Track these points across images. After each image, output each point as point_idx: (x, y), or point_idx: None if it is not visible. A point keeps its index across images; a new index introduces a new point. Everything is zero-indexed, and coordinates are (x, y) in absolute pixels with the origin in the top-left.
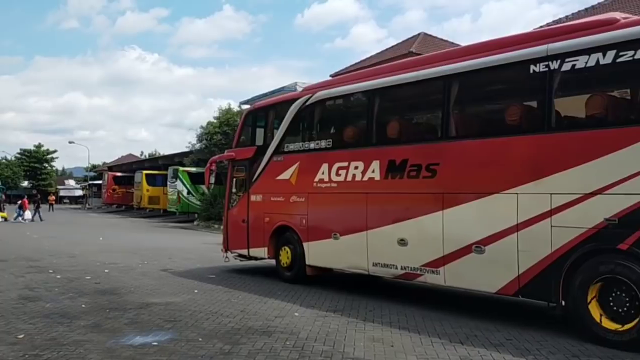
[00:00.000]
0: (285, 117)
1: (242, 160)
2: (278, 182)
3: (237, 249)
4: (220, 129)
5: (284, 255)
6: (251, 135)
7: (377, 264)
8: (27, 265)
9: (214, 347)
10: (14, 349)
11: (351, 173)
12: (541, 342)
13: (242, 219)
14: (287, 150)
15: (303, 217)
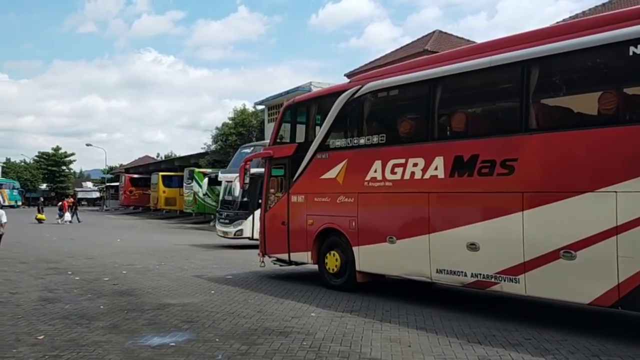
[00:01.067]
0: (330, 111)
1: (281, 159)
2: (323, 182)
3: (276, 253)
4: (236, 129)
5: (331, 261)
6: (291, 131)
7: (442, 270)
8: (46, 267)
9: (231, 348)
10: (35, 350)
11: (409, 171)
12: (561, 342)
13: (282, 221)
14: (332, 147)
15: (352, 219)
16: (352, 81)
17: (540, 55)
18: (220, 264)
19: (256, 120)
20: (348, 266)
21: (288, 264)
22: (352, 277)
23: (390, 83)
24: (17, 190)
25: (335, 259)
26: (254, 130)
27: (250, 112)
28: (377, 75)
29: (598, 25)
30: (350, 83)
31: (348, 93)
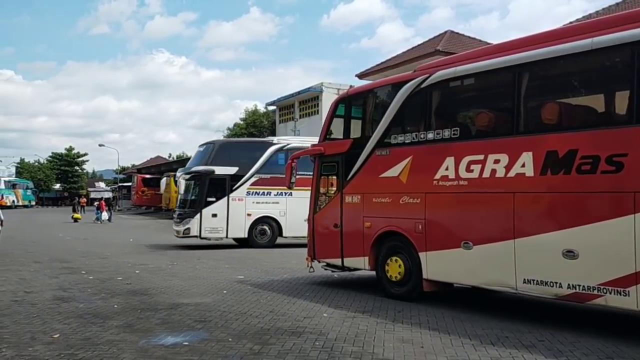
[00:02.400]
0: (391, 104)
1: (333, 156)
2: (383, 181)
3: (327, 258)
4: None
5: (393, 268)
6: (344, 126)
7: (531, 280)
8: (60, 267)
9: (244, 348)
10: (50, 348)
11: (489, 168)
12: (574, 344)
13: (334, 223)
14: (394, 142)
15: (419, 222)
16: (416, 70)
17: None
18: (232, 264)
19: (267, 120)
20: (413, 274)
21: (341, 270)
22: (418, 285)
23: (465, 71)
24: (31, 190)
25: (398, 265)
26: (265, 131)
27: (261, 112)
28: (446, 64)
29: None
30: (414, 72)
31: (413, 83)
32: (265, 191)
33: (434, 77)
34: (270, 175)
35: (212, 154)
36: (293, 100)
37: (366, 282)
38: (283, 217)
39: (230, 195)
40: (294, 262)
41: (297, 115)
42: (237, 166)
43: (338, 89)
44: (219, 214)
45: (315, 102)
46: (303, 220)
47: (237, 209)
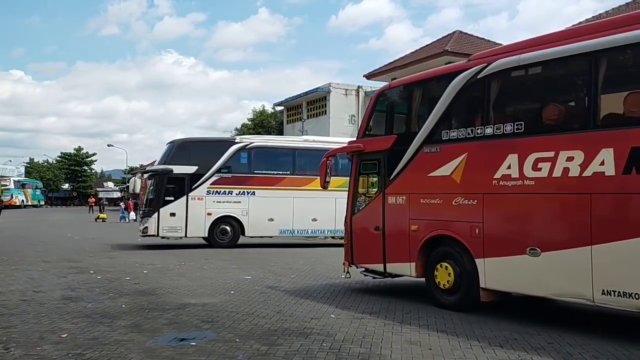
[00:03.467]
0: (442, 96)
1: (374, 153)
2: (432, 180)
3: (367, 263)
4: (255, 130)
5: (443, 274)
6: (386, 121)
7: (612, 292)
8: (68, 266)
9: (251, 348)
10: (58, 348)
11: (560, 166)
12: (584, 346)
13: (375, 225)
14: (445, 138)
15: (475, 226)
16: (470, 60)
17: None
18: (239, 264)
19: (275, 121)
20: (466, 281)
21: (382, 276)
22: (473, 294)
23: (531, 59)
24: (40, 190)
25: (448, 272)
26: (273, 131)
27: (269, 113)
28: (505, 52)
29: None
30: (469, 62)
31: (468, 74)
32: (227, 190)
33: (494, 67)
34: (231, 174)
35: (171, 153)
36: (301, 101)
37: (371, 283)
38: (245, 216)
39: (189, 194)
40: (301, 263)
41: (304, 115)
42: (197, 165)
43: (346, 89)
44: (177, 213)
45: (322, 103)
46: (267, 219)
47: (196, 208)
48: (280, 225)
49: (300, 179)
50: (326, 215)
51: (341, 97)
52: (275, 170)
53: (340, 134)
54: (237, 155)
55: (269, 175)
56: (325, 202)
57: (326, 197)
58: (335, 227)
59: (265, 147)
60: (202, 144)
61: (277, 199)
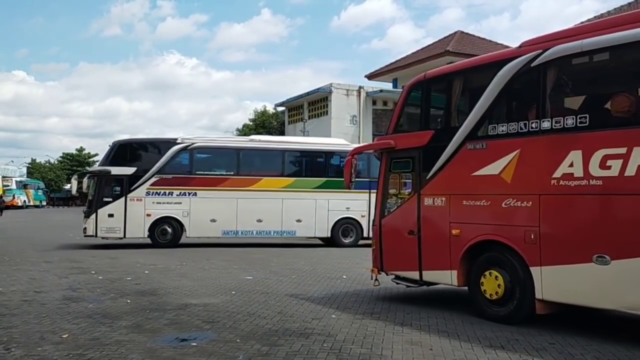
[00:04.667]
0: (489, 87)
1: (408, 150)
2: (477, 179)
3: (400, 270)
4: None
5: (491, 284)
6: (422, 115)
7: None
8: (70, 267)
9: (252, 349)
10: (59, 348)
11: (634, 164)
12: (586, 347)
13: (409, 229)
14: (493, 133)
15: (530, 230)
16: (522, 46)
17: None
18: (241, 264)
19: (276, 121)
20: (519, 292)
21: (418, 285)
22: (527, 306)
23: (596, 44)
24: (42, 190)
25: (497, 282)
26: (274, 132)
27: (270, 113)
28: (561, 37)
29: None
30: (520, 49)
31: (520, 61)
32: (167, 191)
33: (551, 53)
34: (172, 175)
35: (111, 153)
36: (302, 101)
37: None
38: (186, 217)
39: (128, 195)
40: (302, 264)
41: (306, 116)
42: (136, 166)
43: (347, 89)
44: (115, 214)
45: (324, 103)
46: (209, 220)
47: (135, 209)
48: (222, 226)
49: (245, 180)
50: (272, 216)
51: (342, 98)
52: (218, 170)
53: (342, 135)
54: (178, 156)
55: (212, 176)
56: (271, 202)
57: (272, 198)
58: (282, 228)
59: (207, 148)
60: (143, 144)
61: (220, 199)
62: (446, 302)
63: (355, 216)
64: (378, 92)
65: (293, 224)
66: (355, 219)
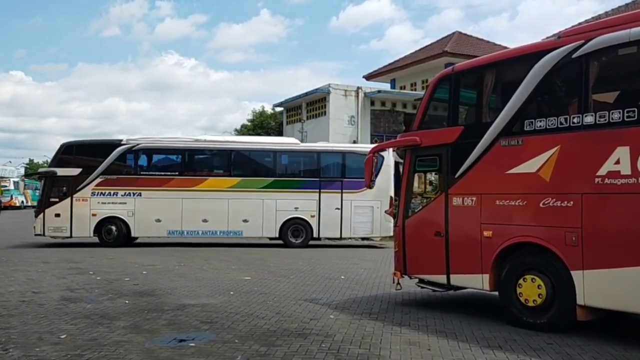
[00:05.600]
0: (525, 80)
1: (434, 147)
2: (512, 178)
3: (425, 273)
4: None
5: (530, 289)
6: (450, 110)
7: None
8: (68, 267)
9: (250, 349)
10: (57, 349)
11: None
12: (583, 347)
13: (436, 231)
14: (529, 129)
15: (571, 232)
16: (561, 37)
17: None
18: (239, 264)
19: (275, 122)
20: (561, 298)
21: (445, 289)
22: (568, 312)
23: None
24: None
25: (538, 287)
26: (272, 132)
27: (269, 113)
28: (604, 27)
29: None
30: (559, 39)
31: (560, 53)
32: (112, 192)
33: (595, 44)
34: (117, 176)
35: (58, 155)
36: (300, 102)
37: (370, 284)
38: (131, 217)
39: (74, 195)
40: (301, 264)
41: (304, 116)
42: (82, 167)
43: (345, 90)
44: (62, 214)
45: (322, 104)
46: (154, 220)
47: (81, 209)
48: (168, 226)
49: (190, 180)
50: (218, 216)
51: (341, 98)
52: (163, 171)
53: (340, 135)
54: (122, 156)
55: (156, 176)
56: (216, 202)
57: (218, 198)
58: (228, 228)
59: (152, 149)
60: (89, 146)
61: (165, 199)
62: (444, 302)
63: (304, 216)
64: (376, 93)
65: (240, 224)
66: (304, 219)
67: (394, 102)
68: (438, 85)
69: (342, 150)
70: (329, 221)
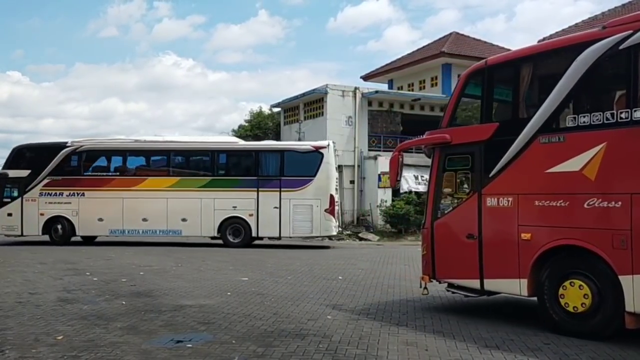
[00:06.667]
0: (566, 73)
1: (466, 145)
2: (553, 177)
3: (456, 278)
4: (252, 132)
5: (575, 295)
6: (483, 106)
7: None
8: (65, 268)
9: (248, 350)
10: (53, 350)
11: None
12: (581, 347)
13: (468, 233)
14: (572, 125)
15: (620, 234)
16: (606, 27)
17: None
18: (237, 265)
19: (272, 122)
20: (608, 304)
21: (477, 294)
22: (616, 319)
23: None
24: None
25: (584, 293)
26: (270, 132)
27: (266, 114)
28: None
29: None
30: (604, 30)
31: (606, 44)
32: (58, 192)
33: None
34: (62, 177)
35: (10, 158)
36: (298, 102)
37: (368, 284)
38: (75, 216)
39: (24, 196)
40: (298, 264)
41: (302, 116)
42: (31, 169)
43: (343, 90)
44: (14, 214)
45: (320, 104)
46: (97, 219)
47: (30, 209)
48: (110, 225)
49: (130, 180)
50: (157, 216)
51: (338, 99)
52: (105, 171)
53: (338, 135)
54: (67, 158)
55: (98, 177)
56: (155, 202)
57: (157, 198)
58: (168, 227)
59: (94, 150)
60: (38, 149)
61: (107, 199)
62: (442, 303)
63: (242, 215)
64: (374, 93)
65: (178, 223)
66: (242, 218)
67: (391, 102)
68: (469, 80)
69: (281, 149)
70: (268, 220)
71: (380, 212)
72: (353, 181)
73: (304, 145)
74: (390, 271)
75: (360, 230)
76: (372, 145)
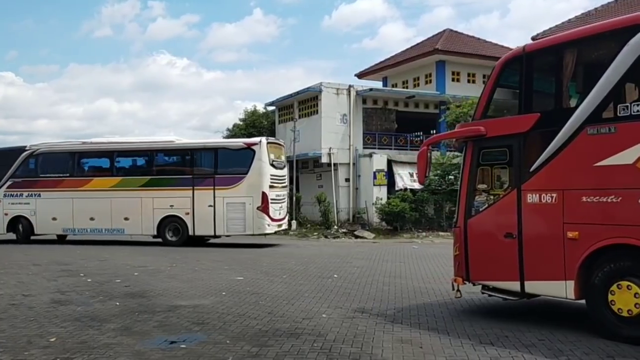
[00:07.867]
0: (617, 59)
1: (503, 138)
2: (602, 171)
3: (492, 279)
4: (247, 130)
5: (626, 298)
6: (522, 96)
7: None
8: (59, 269)
9: (242, 350)
10: (46, 352)
11: None
12: (575, 343)
13: (506, 232)
14: (624, 114)
15: None
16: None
17: None
18: (232, 265)
19: (267, 121)
20: None
21: (517, 297)
22: None
23: None
24: None
25: (635, 295)
26: (264, 131)
27: (260, 113)
28: None
29: None
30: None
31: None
32: (19, 193)
33: None
34: (22, 179)
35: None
36: (292, 101)
37: (364, 283)
38: (33, 216)
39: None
40: (293, 263)
41: (296, 115)
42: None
43: (337, 88)
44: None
45: (314, 102)
46: (51, 219)
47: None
48: (62, 224)
49: (78, 181)
50: (102, 215)
51: (333, 97)
52: (57, 173)
53: (332, 134)
54: (26, 161)
55: (52, 178)
56: (100, 201)
57: (101, 197)
58: (112, 226)
59: (49, 153)
60: (3, 153)
61: (59, 200)
62: (436, 300)
63: (179, 214)
64: (368, 91)
65: (121, 222)
66: (179, 216)
67: (385, 100)
68: (505, 68)
69: (214, 147)
70: (203, 218)
71: (376, 209)
72: (348, 179)
73: (236, 142)
74: (385, 269)
75: (355, 228)
76: (367, 143)
